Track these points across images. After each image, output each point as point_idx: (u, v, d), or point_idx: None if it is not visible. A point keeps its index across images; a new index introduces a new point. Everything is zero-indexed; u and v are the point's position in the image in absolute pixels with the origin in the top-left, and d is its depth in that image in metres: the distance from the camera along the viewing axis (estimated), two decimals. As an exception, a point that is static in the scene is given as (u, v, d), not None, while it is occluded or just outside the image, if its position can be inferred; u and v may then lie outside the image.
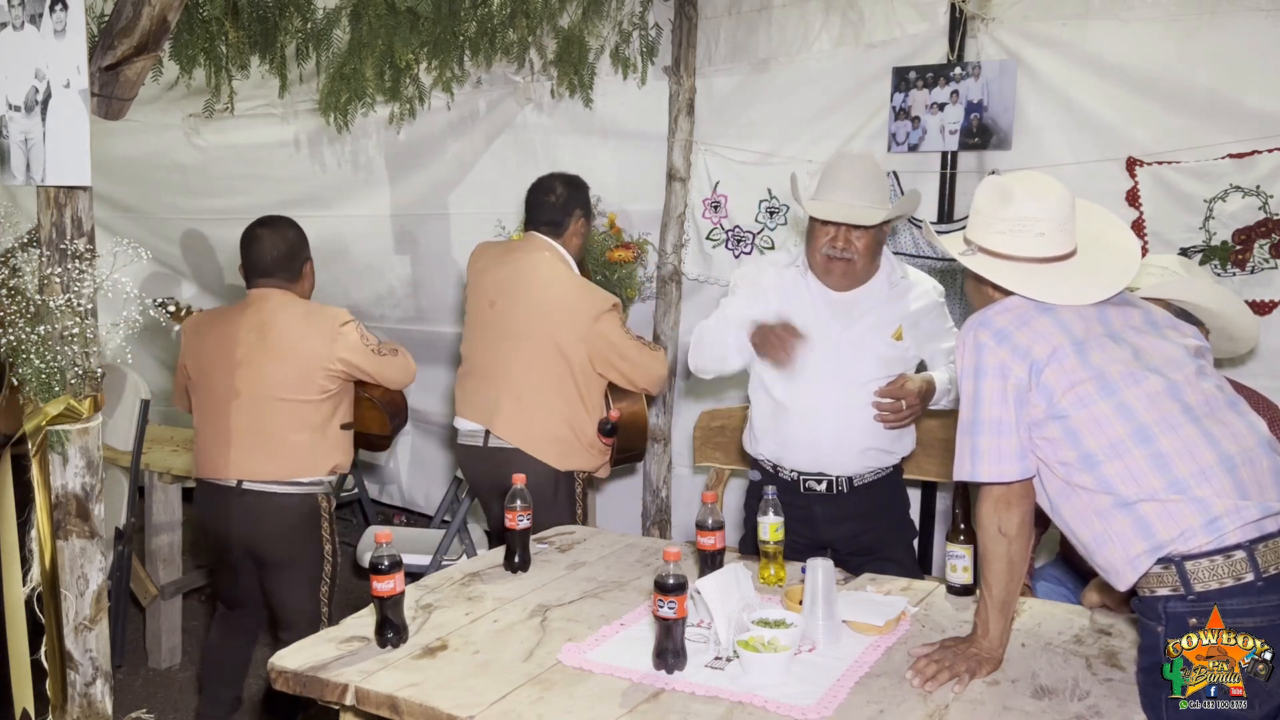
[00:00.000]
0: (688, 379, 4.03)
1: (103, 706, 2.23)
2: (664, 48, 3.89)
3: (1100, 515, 1.80)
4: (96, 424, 2.18)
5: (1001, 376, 1.85)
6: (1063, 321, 1.88)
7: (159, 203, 5.20)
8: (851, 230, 2.63)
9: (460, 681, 1.88)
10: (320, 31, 3.61)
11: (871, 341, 2.71)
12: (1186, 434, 1.77)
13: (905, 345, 2.74)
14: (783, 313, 2.70)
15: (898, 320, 2.74)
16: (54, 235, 2.12)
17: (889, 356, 2.72)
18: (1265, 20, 2.91)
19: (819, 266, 2.71)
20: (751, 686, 1.82)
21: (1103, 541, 1.80)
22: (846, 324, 2.72)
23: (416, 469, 5.02)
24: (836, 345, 2.70)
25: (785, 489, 2.66)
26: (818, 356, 2.68)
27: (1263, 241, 2.95)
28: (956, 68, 3.33)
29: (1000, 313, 1.91)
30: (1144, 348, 1.87)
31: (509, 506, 2.45)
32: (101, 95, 2.21)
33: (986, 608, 1.92)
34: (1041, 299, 1.90)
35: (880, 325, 2.73)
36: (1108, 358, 1.84)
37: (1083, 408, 1.80)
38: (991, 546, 1.91)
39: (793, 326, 2.63)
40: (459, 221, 4.53)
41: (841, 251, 2.65)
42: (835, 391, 2.69)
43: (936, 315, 2.80)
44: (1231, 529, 1.70)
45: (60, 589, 2.17)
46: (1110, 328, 1.88)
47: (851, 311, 2.73)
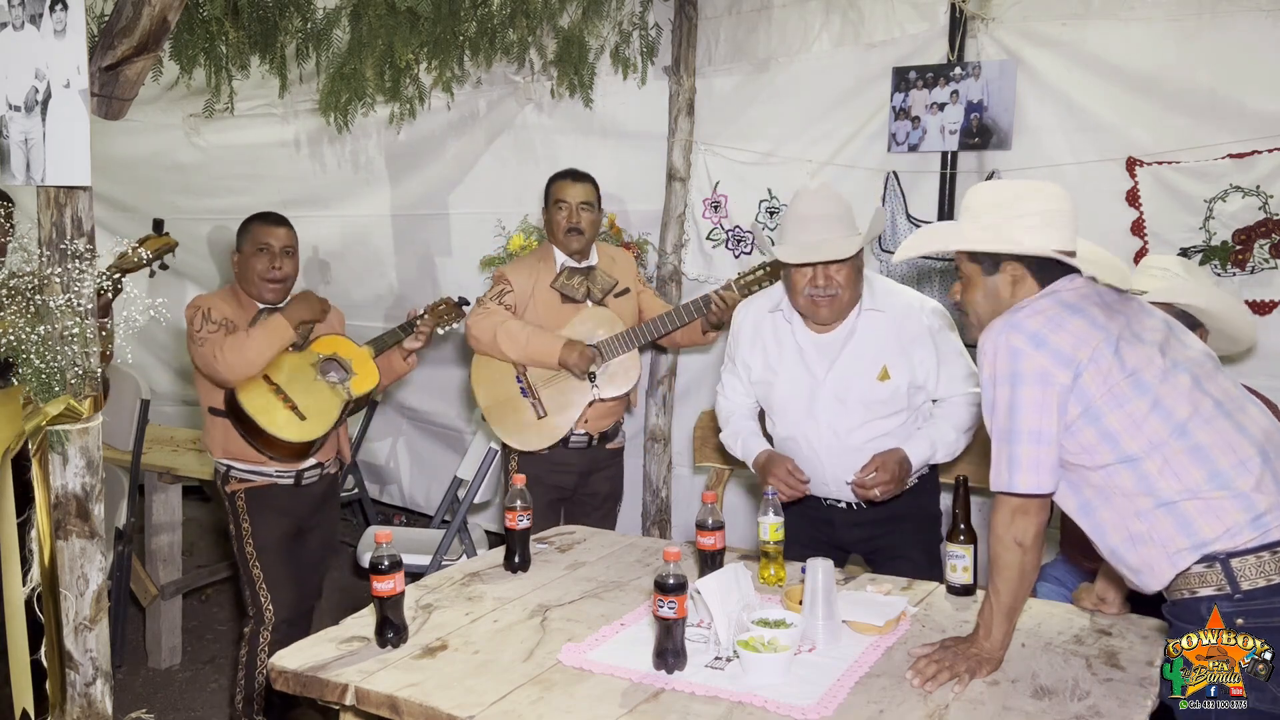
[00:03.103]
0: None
1: (103, 706, 2.23)
2: (664, 48, 3.89)
3: (1140, 516, 1.78)
4: (96, 424, 2.18)
5: (1042, 384, 1.80)
6: (1094, 320, 1.83)
7: (159, 203, 5.19)
8: (829, 266, 2.59)
9: (460, 681, 1.88)
10: (320, 31, 3.61)
11: (855, 386, 2.65)
12: (1221, 427, 1.77)
13: (895, 384, 2.64)
14: (768, 364, 2.75)
15: (882, 359, 2.65)
16: (54, 235, 2.12)
17: (873, 400, 2.65)
18: (1265, 20, 2.91)
19: (805, 309, 2.67)
20: (751, 686, 1.82)
21: (1141, 541, 1.78)
22: (829, 368, 2.68)
23: (416, 469, 5.02)
24: (819, 391, 2.68)
25: (807, 498, 2.71)
26: (804, 404, 2.69)
27: (1263, 241, 2.95)
28: (956, 68, 3.33)
29: (1031, 315, 1.85)
30: (1168, 346, 1.86)
31: (509, 506, 2.45)
32: (101, 95, 2.21)
33: (992, 611, 1.90)
34: (1106, 280, 1.88)
35: (863, 368, 2.66)
36: (1139, 356, 1.82)
37: (1119, 408, 1.78)
38: (1005, 555, 1.87)
39: (796, 471, 2.66)
40: (459, 221, 4.53)
41: (825, 290, 2.60)
42: (827, 437, 2.67)
43: (930, 343, 2.66)
44: (1275, 525, 1.69)
45: (60, 589, 2.17)
46: (1133, 328, 1.86)
47: (831, 354, 2.69)
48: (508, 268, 3.45)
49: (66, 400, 2.12)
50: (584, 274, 3.36)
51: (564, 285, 3.34)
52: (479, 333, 3.29)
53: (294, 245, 3.14)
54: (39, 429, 2.12)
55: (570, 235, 3.31)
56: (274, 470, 3.06)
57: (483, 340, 3.28)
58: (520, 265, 3.45)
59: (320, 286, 4.96)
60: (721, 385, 2.93)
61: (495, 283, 3.39)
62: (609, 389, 3.29)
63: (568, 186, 3.34)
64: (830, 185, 2.91)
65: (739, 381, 2.86)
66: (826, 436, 2.67)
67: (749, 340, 2.82)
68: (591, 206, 3.34)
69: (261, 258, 3.05)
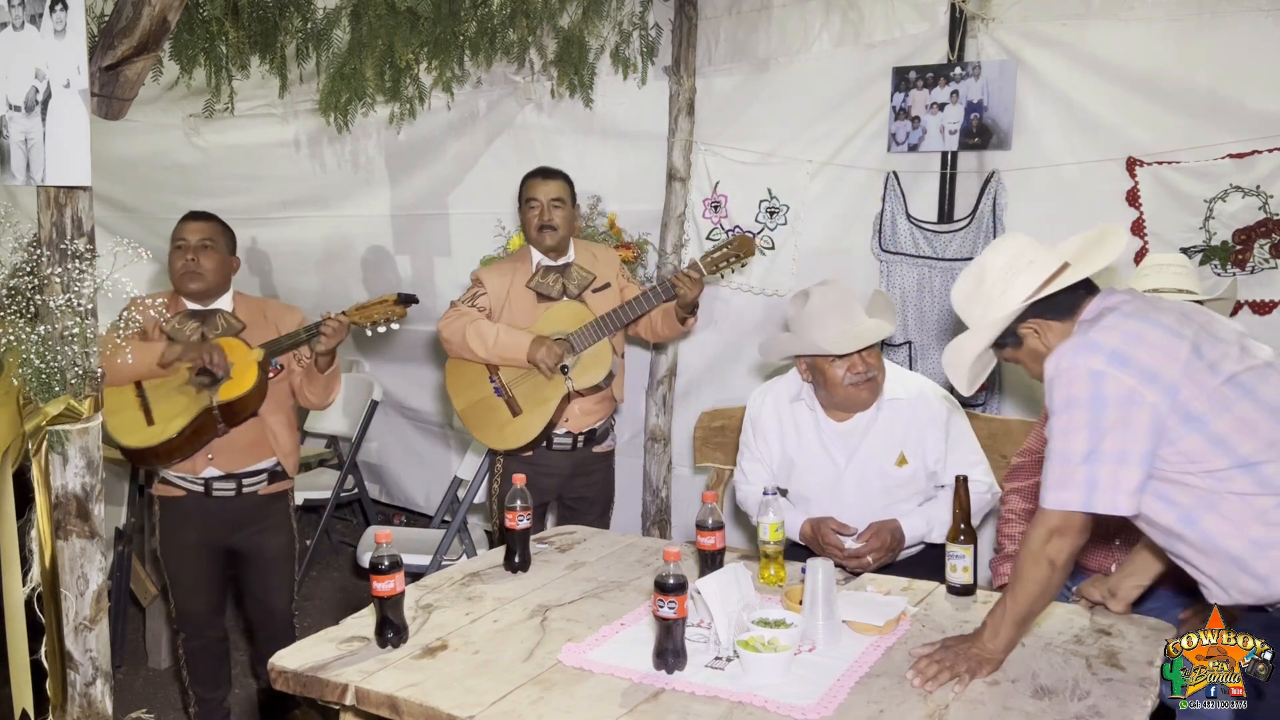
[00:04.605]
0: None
1: (103, 706, 2.23)
2: (664, 48, 3.89)
3: (1260, 518, 1.74)
4: (96, 424, 2.18)
5: (1129, 404, 1.74)
6: (1170, 327, 1.80)
7: (159, 203, 5.19)
8: (864, 352, 2.71)
9: (460, 681, 1.88)
10: (320, 31, 3.61)
11: (873, 472, 2.77)
12: None
13: (912, 469, 2.76)
14: (787, 452, 2.85)
15: (898, 446, 2.77)
16: (54, 235, 2.12)
17: (891, 484, 2.76)
18: (1265, 20, 2.91)
19: (847, 399, 2.76)
20: (751, 686, 1.82)
21: (1267, 547, 1.74)
22: (849, 456, 2.80)
23: (417, 469, 5.02)
24: (840, 478, 2.79)
25: None
26: (825, 490, 2.80)
27: (1263, 241, 2.95)
28: (956, 68, 3.33)
29: (1104, 331, 1.81)
30: (1244, 342, 1.85)
31: (509, 506, 2.45)
32: (101, 95, 2.21)
33: (1004, 616, 1.88)
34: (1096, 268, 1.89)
35: (881, 454, 2.77)
36: (1224, 356, 1.79)
37: (1225, 412, 1.75)
38: (1033, 570, 1.84)
39: (841, 528, 2.70)
40: (459, 221, 4.53)
41: (865, 374, 2.72)
42: (850, 513, 2.74)
43: (943, 430, 2.77)
44: None
45: (60, 589, 2.17)
46: (1208, 328, 1.85)
47: (852, 442, 2.80)
48: (483, 270, 3.44)
49: (66, 400, 2.12)
50: (559, 271, 3.34)
51: (539, 284, 3.32)
52: (449, 335, 3.27)
53: (214, 239, 3.05)
54: (39, 429, 2.12)
55: (543, 233, 3.29)
56: (174, 475, 3.00)
57: (453, 342, 3.27)
58: (496, 267, 3.45)
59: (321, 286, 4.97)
60: (741, 472, 2.99)
61: (471, 285, 3.38)
62: (583, 379, 3.25)
63: (538, 184, 3.33)
64: (838, 281, 2.94)
65: (760, 467, 2.93)
66: (850, 513, 2.74)
67: (769, 429, 2.92)
68: (564, 203, 3.32)
69: (178, 254, 3.02)
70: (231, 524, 3.05)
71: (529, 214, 3.32)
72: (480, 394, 3.33)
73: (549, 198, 3.30)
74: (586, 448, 3.38)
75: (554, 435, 3.31)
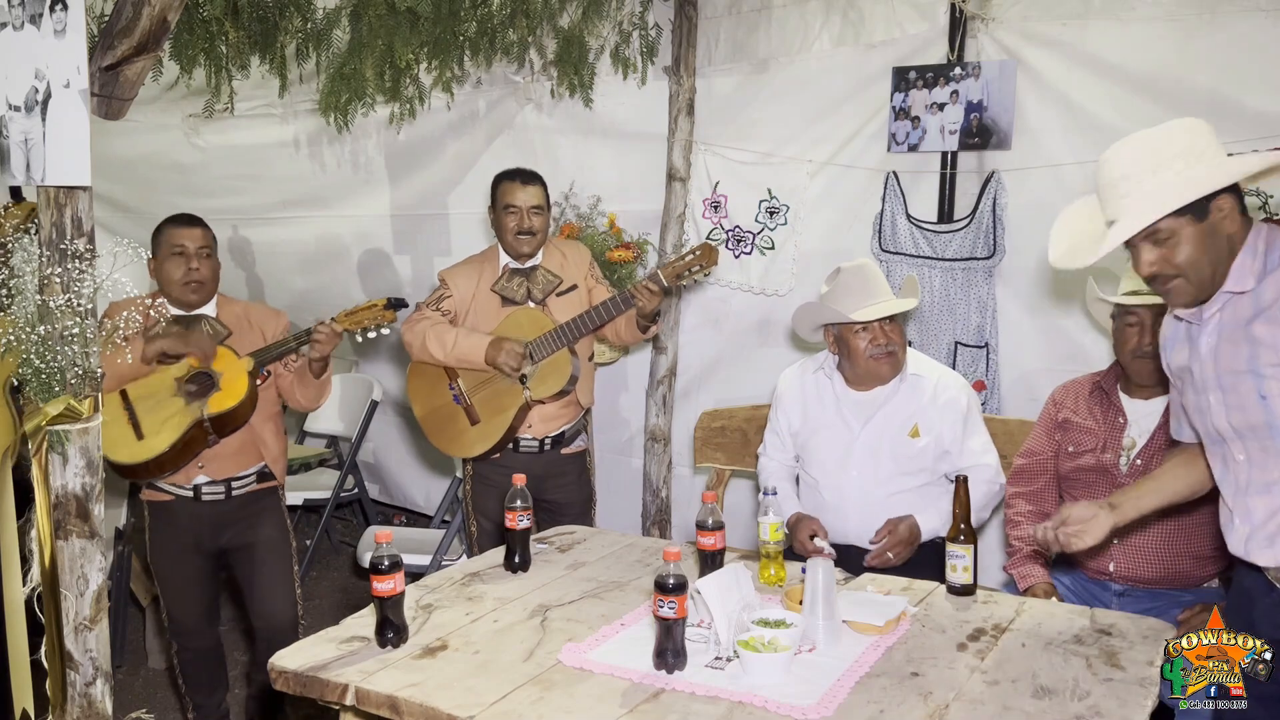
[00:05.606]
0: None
1: (103, 706, 2.23)
2: (664, 48, 3.89)
3: None
4: (96, 424, 2.19)
5: None
6: None
7: (159, 203, 5.18)
8: (886, 325, 2.84)
9: (460, 681, 1.88)
10: (320, 31, 3.61)
11: (887, 441, 2.85)
12: None
13: (924, 443, 2.83)
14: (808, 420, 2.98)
15: (913, 418, 2.85)
16: (54, 235, 2.12)
17: (904, 454, 2.84)
18: (1265, 20, 2.91)
19: (868, 370, 2.87)
20: (751, 686, 1.82)
21: None
22: (864, 423, 2.89)
23: (416, 469, 5.02)
24: (854, 444, 2.88)
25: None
26: (838, 456, 2.90)
27: (1263, 241, 2.95)
28: (956, 68, 3.33)
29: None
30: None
31: (509, 506, 2.45)
32: (101, 95, 2.21)
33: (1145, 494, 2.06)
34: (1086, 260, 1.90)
35: (895, 424, 2.86)
36: None
37: None
38: None
39: (818, 542, 2.76)
40: (459, 221, 4.53)
41: (886, 347, 2.84)
42: (856, 488, 2.86)
43: (959, 420, 2.85)
44: None
45: (60, 589, 2.17)
46: None
47: (869, 411, 2.89)
48: (449, 270, 3.38)
49: (66, 400, 2.12)
50: (525, 275, 3.29)
51: (503, 287, 3.28)
52: (411, 338, 3.25)
53: (210, 246, 3.02)
54: (39, 429, 2.12)
55: (521, 239, 3.24)
56: (165, 483, 2.98)
57: (414, 345, 3.25)
58: (463, 268, 3.38)
59: (321, 286, 4.97)
60: (764, 445, 3.13)
61: (438, 286, 3.35)
62: (540, 389, 3.20)
63: (518, 190, 3.25)
64: (871, 261, 3.05)
65: (779, 440, 3.06)
66: (856, 487, 2.85)
67: (792, 399, 3.04)
68: (542, 210, 3.27)
69: (177, 261, 2.96)
70: (221, 524, 3.03)
71: (507, 219, 3.25)
72: (439, 401, 3.31)
73: (529, 205, 3.24)
74: (555, 449, 3.33)
75: (520, 438, 3.28)
